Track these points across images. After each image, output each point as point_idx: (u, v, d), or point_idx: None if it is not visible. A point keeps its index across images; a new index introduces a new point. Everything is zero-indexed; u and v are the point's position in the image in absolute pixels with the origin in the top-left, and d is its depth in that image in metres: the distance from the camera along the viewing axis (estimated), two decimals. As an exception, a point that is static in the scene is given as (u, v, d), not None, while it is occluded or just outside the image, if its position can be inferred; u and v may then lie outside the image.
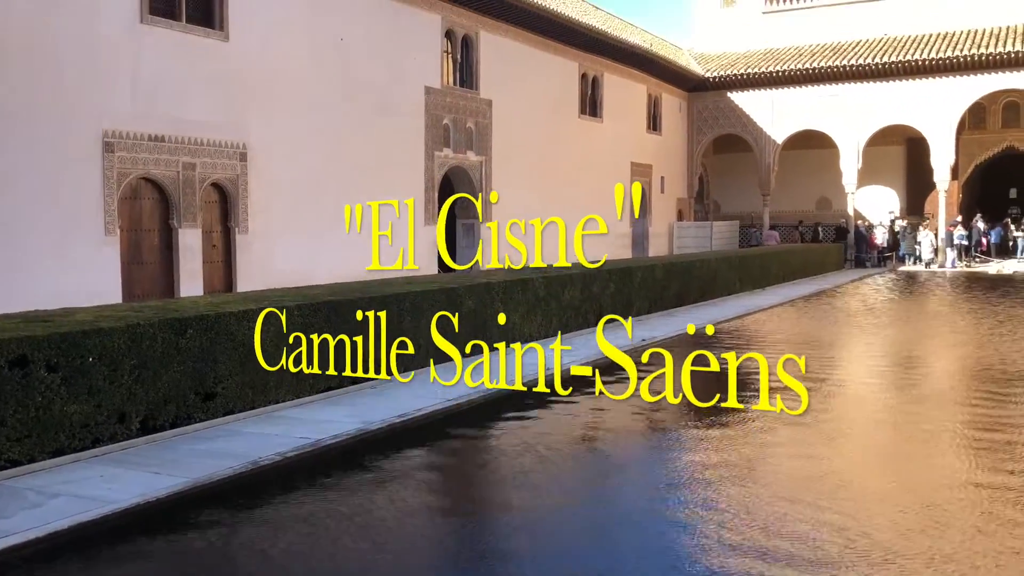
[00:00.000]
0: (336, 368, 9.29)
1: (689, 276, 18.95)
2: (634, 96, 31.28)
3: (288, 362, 8.21)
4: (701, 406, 7.02)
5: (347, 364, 8.27)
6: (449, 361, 10.98)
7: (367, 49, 18.85)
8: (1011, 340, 14.34)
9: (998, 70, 29.68)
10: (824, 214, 35.50)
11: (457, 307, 11.27)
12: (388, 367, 9.97)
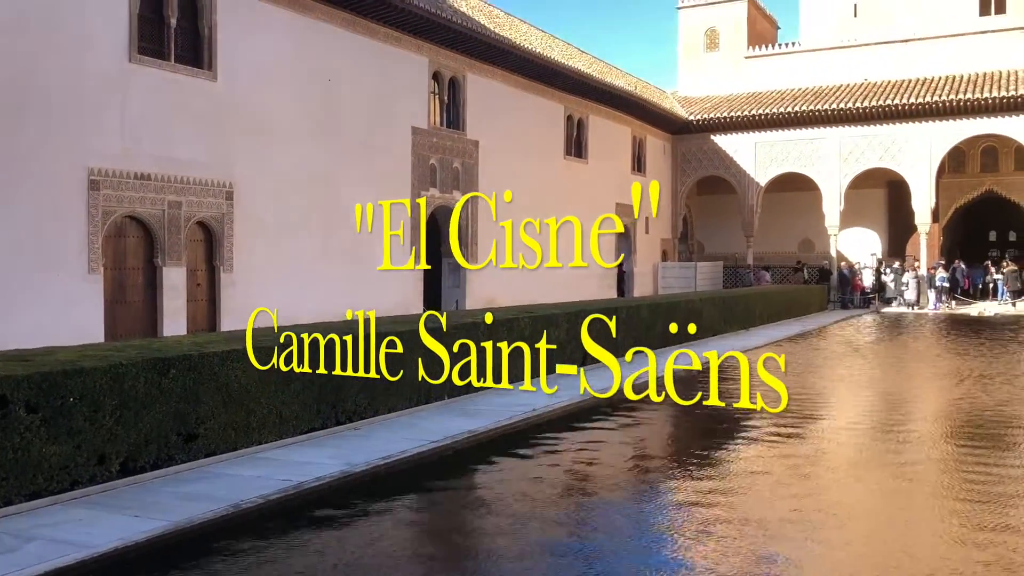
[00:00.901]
0: (321, 408, 9.24)
1: (673, 316, 18.97)
2: (619, 138, 31.60)
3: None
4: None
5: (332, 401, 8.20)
6: (439, 400, 10.97)
7: (354, 89, 19.00)
8: (999, 382, 14.41)
9: (976, 115, 30.20)
10: (807, 255, 35.76)
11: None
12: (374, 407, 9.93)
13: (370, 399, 9.95)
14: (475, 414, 10.38)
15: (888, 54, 35.03)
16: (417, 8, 19.19)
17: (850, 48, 35.83)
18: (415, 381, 10.65)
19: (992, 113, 29.94)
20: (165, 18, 14.87)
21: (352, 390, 9.70)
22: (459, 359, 11.49)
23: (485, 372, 11.99)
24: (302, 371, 8.44)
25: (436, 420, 10.01)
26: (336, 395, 9.49)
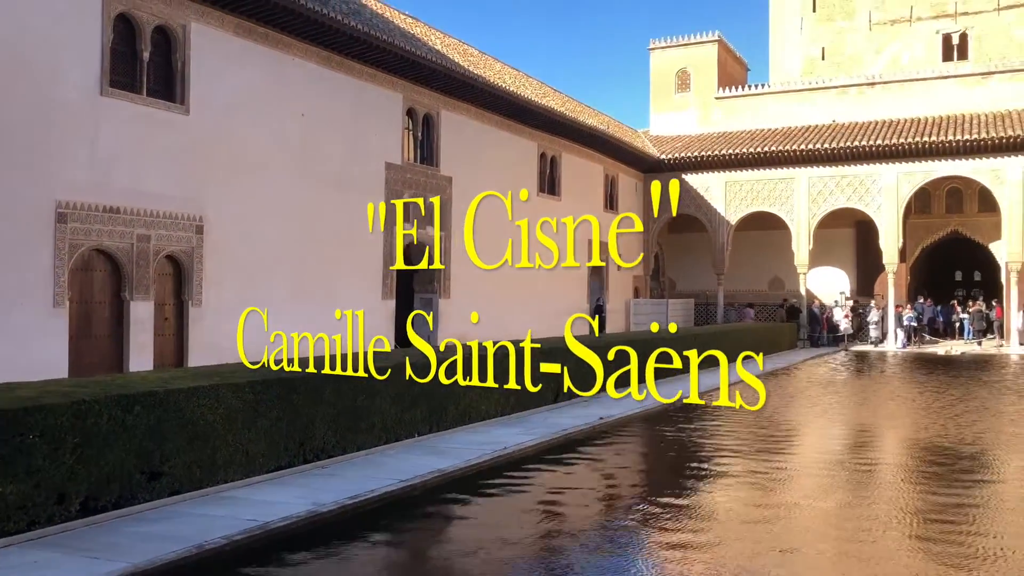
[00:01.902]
0: (288, 446, 9.11)
1: (647, 354, 18.97)
2: (592, 175, 31.86)
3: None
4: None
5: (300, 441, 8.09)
6: (408, 439, 10.86)
7: (329, 125, 19.03)
8: (965, 422, 14.55)
9: (941, 158, 30.82)
10: (777, 294, 36.06)
11: (413, 384, 11.12)
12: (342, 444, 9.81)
13: (338, 437, 9.84)
14: (445, 453, 10.29)
15: (855, 96, 35.76)
16: (392, 46, 19.32)
17: (818, 90, 36.54)
18: (385, 419, 10.60)
19: (956, 156, 30.57)
20: (138, 52, 14.83)
21: (320, 428, 9.58)
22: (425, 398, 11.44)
23: (463, 411, 11.96)
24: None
25: (405, 458, 9.90)
26: (304, 433, 9.37)
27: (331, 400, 9.76)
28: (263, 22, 16.96)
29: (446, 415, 11.78)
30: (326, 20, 17.32)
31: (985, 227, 32.85)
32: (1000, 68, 33.88)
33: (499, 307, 25.09)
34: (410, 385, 11.06)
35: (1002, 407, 16.69)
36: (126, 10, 14.54)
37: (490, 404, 12.86)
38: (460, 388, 12.06)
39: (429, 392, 11.44)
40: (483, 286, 24.42)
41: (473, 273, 23.87)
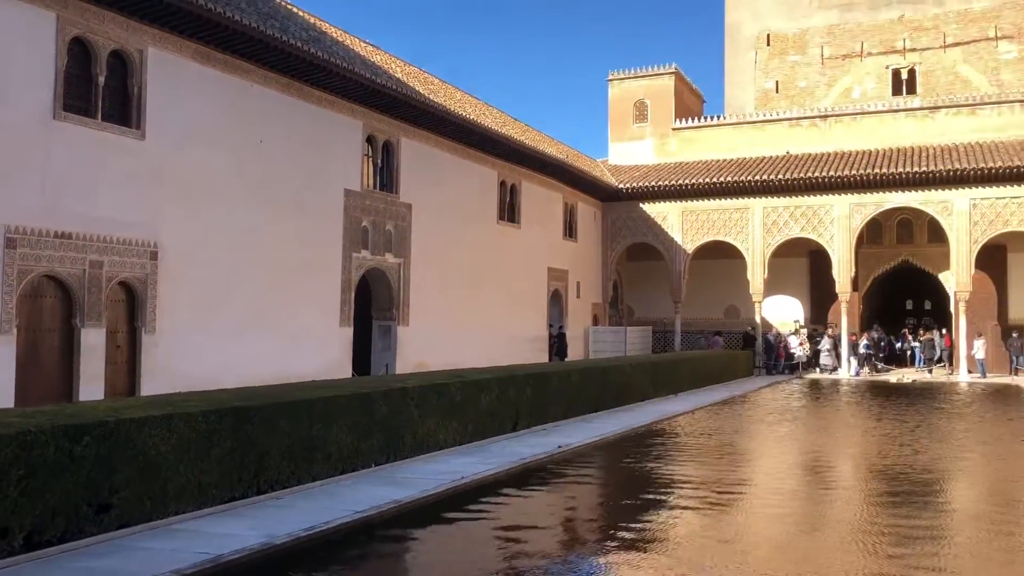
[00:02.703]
0: (242, 477, 8.96)
1: (605, 381, 19.09)
2: (551, 204, 32.08)
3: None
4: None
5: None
6: (365, 469, 10.75)
7: (288, 151, 18.95)
8: (919, 447, 14.79)
9: (891, 189, 31.56)
10: (732, 322, 36.49)
11: (370, 413, 11.05)
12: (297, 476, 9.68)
13: (293, 468, 9.70)
14: (401, 483, 10.19)
15: (808, 128, 36.55)
16: (353, 73, 19.34)
17: (772, 122, 37.28)
18: (341, 448, 10.48)
19: (906, 187, 31.33)
20: (93, 76, 14.67)
21: (275, 458, 9.45)
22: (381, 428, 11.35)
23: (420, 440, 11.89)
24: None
25: (362, 489, 9.79)
26: (258, 463, 9.23)
27: (286, 430, 9.63)
28: (222, 48, 16.89)
29: (403, 444, 11.69)
30: (286, 47, 17.30)
31: (935, 257, 33.63)
32: (947, 103, 34.93)
33: (459, 334, 25.06)
34: (367, 414, 10.98)
35: (954, 434, 17.01)
36: (81, 34, 14.40)
37: (448, 433, 12.78)
38: (417, 417, 12.00)
39: (386, 421, 11.36)
40: (442, 313, 24.40)
41: (432, 300, 23.87)
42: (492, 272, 27.26)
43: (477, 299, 26.30)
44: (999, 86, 37.40)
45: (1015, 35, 37.96)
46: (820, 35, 41.29)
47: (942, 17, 39.15)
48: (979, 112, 34.19)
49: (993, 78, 37.96)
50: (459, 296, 25.34)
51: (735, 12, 43.43)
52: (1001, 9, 38.24)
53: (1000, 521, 9.41)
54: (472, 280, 26.05)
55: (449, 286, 24.82)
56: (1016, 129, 33.43)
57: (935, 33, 39.16)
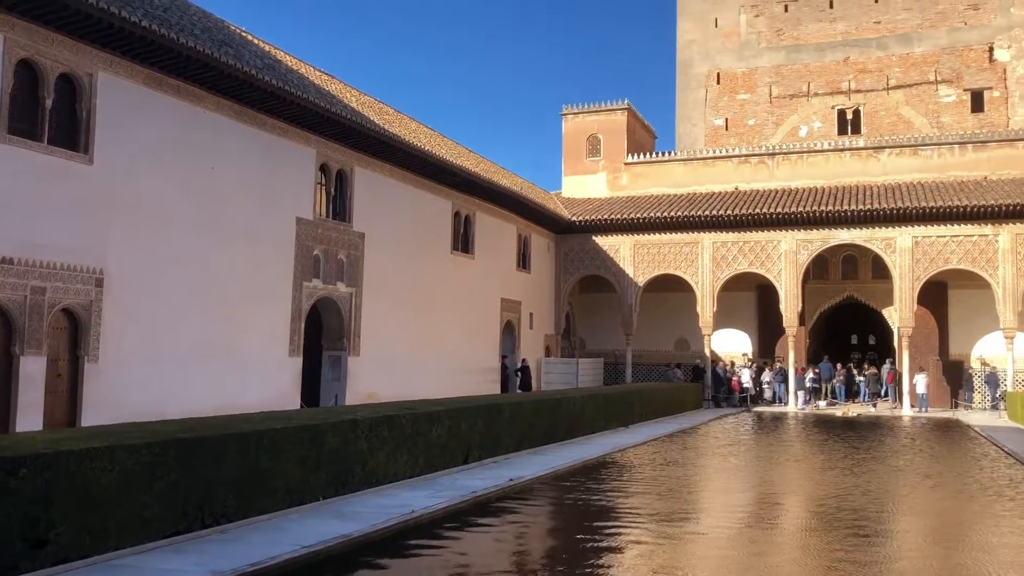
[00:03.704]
0: (187, 511, 8.74)
1: (557, 414, 19.08)
2: (505, 235, 32.18)
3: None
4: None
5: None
6: (313, 502, 10.56)
7: (239, 178, 18.75)
8: (865, 481, 15.00)
9: (837, 226, 32.29)
10: (682, 354, 36.82)
11: (319, 445, 10.88)
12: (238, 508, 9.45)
13: (240, 501, 9.49)
14: (350, 516, 10.03)
15: (757, 165, 37.32)
16: (306, 101, 19.26)
17: (722, 159, 38.00)
18: (289, 481, 10.30)
19: (851, 225, 32.09)
20: (40, 99, 14.39)
21: (221, 491, 9.24)
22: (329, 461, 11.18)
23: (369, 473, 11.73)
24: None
25: (310, 523, 9.61)
26: (203, 496, 9.01)
27: (233, 462, 9.44)
28: (175, 74, 16.71)
29: (352, 478, 11.53)
30: (240, 74, 17.18)
31: (878, 293, 34.41)
32: (890, 143, 35.98)
33: (410, 365, 24.89)
34: (315, 447, 10.81)
35: (900, 466, 17.31)
36: (29, 56, 14.14)
37: (398, 466, 12.64)
38: (367, 449, 11.85)
39: (335, 454, 11.19)
40: (394, 344, 24.22)
41: (384, 330, 23.70)
42: (445, 303, 27.19)
43: (430, 330, 26.18)
44: (939, 128, 38.69)
45: (954, 80, 39.36)
46: (769, 75, 42.36)
47: (885, 60, 40.46)
48: (921, 153, 35.28)
49: (934, 120, 39.26)
50: (411, 326, 25.20)
51: (686, 50, 44.36)
52: (940, 55, 39.65)
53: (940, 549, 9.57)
54: (425, 310, 25.94)
55: (401, 316, 24.69)
56: (956, 170, 34.54)
57: (879, 75, 40.43)
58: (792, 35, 42.35)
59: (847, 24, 41.43)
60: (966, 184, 33.21)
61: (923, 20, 40.21)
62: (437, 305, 26.68)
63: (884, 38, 40.68)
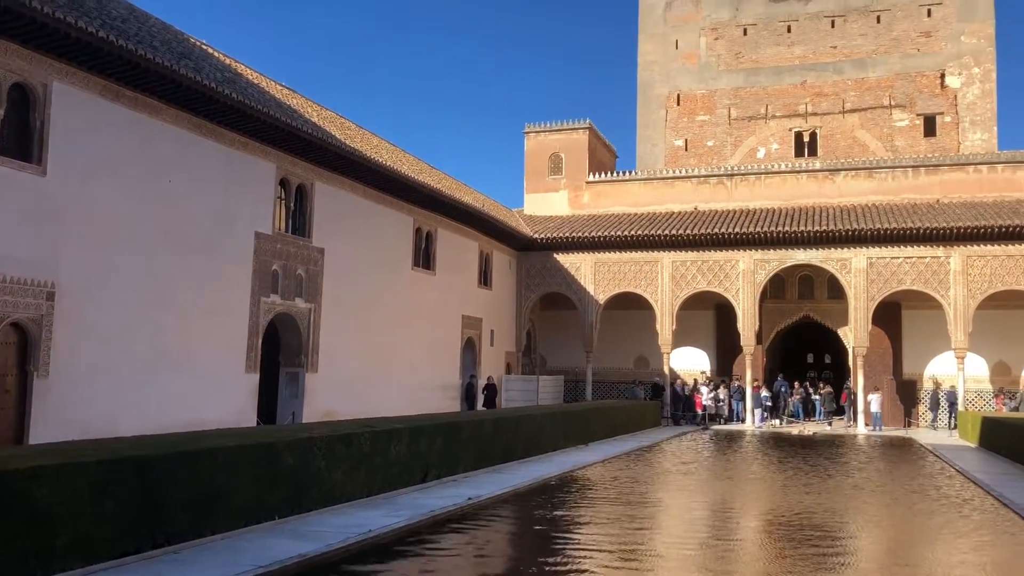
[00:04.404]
0: (138, 530, 8.54)
1: (516, 431, 19.02)
2: (467, 252, 32.15)
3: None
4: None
5: (149, 528, 7.57)
6: (269, 521, 10.38)
7: (197, 192, 18.51)
8: (823, 497, 15.14)
9: (794, 247, 32.77)
10: (642, 372, 37.00)
11: (275, 464, 10.72)
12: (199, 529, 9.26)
13: (193, 519, 9.30)
14: (307, 536, 9.88)
15: (716, 186, 37.80)
16: (266, 116, 19.10)
17: (681, 179, 38.44)
18: (244, 500, 10.12)
19: (807, 245, 32.58)
20: (-7, 108, 14.10)
21: (174, 510, 9.04)
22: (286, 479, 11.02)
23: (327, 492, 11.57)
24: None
25: (265, 543, 9.44)
26: (155, 515, 8.81)
27: (186, 480, 9.25)
28: (132, 86, 16.47)
29: (309, 496, 11.37)
30: (199, 87, 16.99)
31: (834, 313, 34.93)
32: (845, 166, 36.68)
33: (369, 382, 24.70)
34: (271, 465, 10.65)
35: (858, 483, 17.52)
36: (-18, 65, 13.85)
37: (356, 485, 12.49)
38: (324, 468, 11.70)
39: (292, 472, 11.03)
40: (353, 360, 24.01)
41: (343, 347, 23.49)
42: (406, 319, 27.04)
43: (389, 346, 26.01)
44: (893, 151, 39.56)
45: (907, 104, 40.30)
46: (728, 97, 43.00)
47: (841, 84, 41.30)
48: (875, 175, 36.01)
49: (888, 144, 40.13)
50: (371, 343, 25.01)
51: (647, 71, 44.89)
52: (895, 80, 40.59)
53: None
54: (385, 327, 25.77)
55: (361, 333, 24.50)
56: (909, 192, 35.29)
57: (835, 99, 41.25)
58: (751, 58, 43.06)
59: (804, 48, 42.25)
60: (919, 207, 33.94)
61: (878, 46, 41.16)
62: (397, 322, 26.52)
63: (840, 62, 41.54)
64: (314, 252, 22.55)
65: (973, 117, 39.45)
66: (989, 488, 16.36)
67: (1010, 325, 32.57)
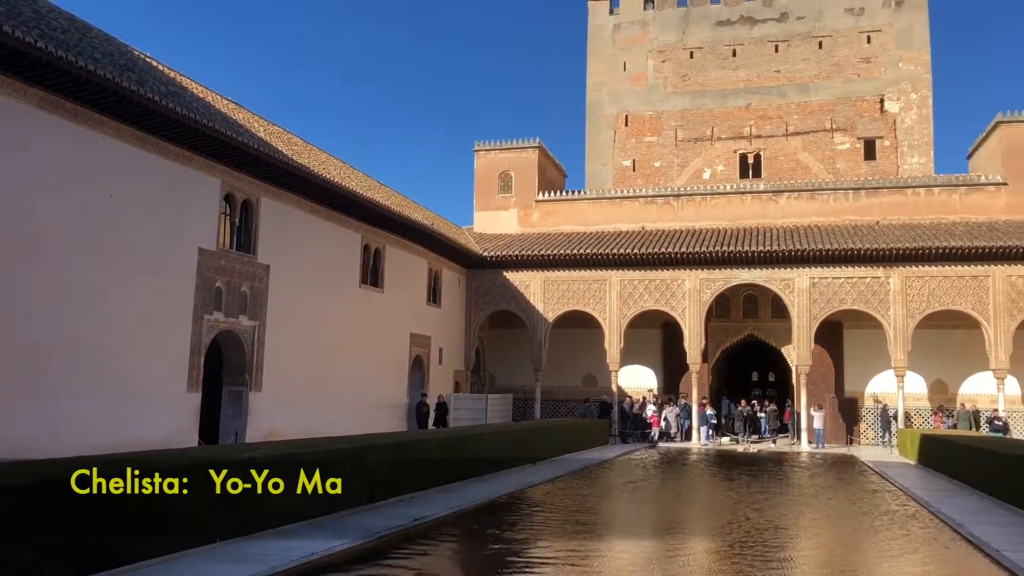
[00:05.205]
0: (72, 556, 8.25)
1: (465, 451, 18.89)
2: (415, 269, 31.98)
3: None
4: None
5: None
6: (211, 544, 10.11)
7: (139, 207, 18.10)
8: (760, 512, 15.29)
9: (739, 266, 33.25)
10: (590, 390, 37.10)
11: (216, 484, 10.45)
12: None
13: (132, 544, 9.01)
14: (249, 559, 9.65)
15: (663, 206, 38.25)
16: (211, 130, 18.81)
17: (629, 199, 38.83)
18: (184, 523, 9.85)
19: (752, 265, 33.09)
20: (-76, 118, 13.64)
21: (110, 534, 8.75)
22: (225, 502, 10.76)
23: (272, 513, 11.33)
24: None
25: (206, 567, 9.20)
26: (91, 539, 8.51)
27: (125, 502, 8.97)
28: (72, 98, 16.08)
29: (252, 518, 11.11)
30: (142, 100, 16.66)
31: (778, 332, 35.48)
32: (789, 188, 37.44)
33: (315, 401, 24.34)
34: (212, 486, 10.38)
35: (803, 500, 17.76)
36: (-87, 73, 13.41)
37: (300, 506, 12.25)
38: (267, 488, 11.45)
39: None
40: (298, 379, 23.66)
41: (288, 365, 23.14)
42: (353, 337, 26.75)
43: (336, 364, 25.69)
44: (835, 174, 40.52)
45: (848, 128, 41.36)
46: (674, 118, 43.66)
47: (785, 108, 42.25)
48: (818, 197, 36.79)
49: (830, 166, 41.09)
50: (317, 361, 24.68)
51: (596, 92, 45.39)
52: (836, 104, 41.65)
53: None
54: (331, 345, 25.46)
55: (307, 351, 24.16)
56: (850, 214, 36.12)
57: (778, 122, 42.15)
58: (697, 81, 43.80)
59: (749, 72, 43.12)
60: (860, 228, 34.73)
61: (820, 71, 42.20)
62: (344, 339, 26.22)
63: (784, 86, 42.48)
64: (259, 269, 22.22)
65: (911, 141, 40.61)
66: (928, 504, 16.70)
67: (947, 344, 33.41)
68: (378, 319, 28.55)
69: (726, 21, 44.00)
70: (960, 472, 20.70)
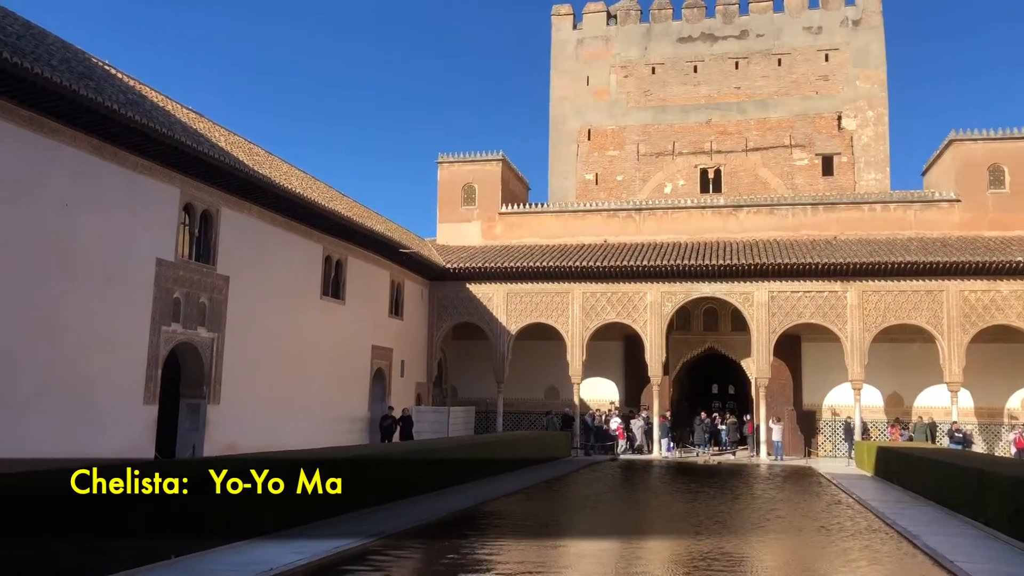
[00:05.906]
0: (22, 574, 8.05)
1: (426, 464, 18.78)
2: (378, 281, 31.82)
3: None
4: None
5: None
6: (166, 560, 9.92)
7: (95, 216, 17.81)
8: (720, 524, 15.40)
9: (699, 280, 33.56)
10: (552, 403, 37.13)
11: (170, 499, 10.27)
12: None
13: (81, 561, 8.81)
14: (205, 575, 9.48)
15: (625, 219, 38.52)
16: (170, 139, 18.58)
17: (592, 212, 39.04)
18: (139, 538, 9.67)
19: (712, 279, 33.43)
20: None
21: (63, 551, 8.55)
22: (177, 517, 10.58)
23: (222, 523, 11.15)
24: None
25: (159, 583, 9.02)
26: (41, 557, 8.30)
27: (77, 519, 8.77)
28: (27, 105, 15.80)
29: (208, 533, 10.93)
30: (99, 108, 16.41)
31: (738, 345, 35.83)
32: (748, 202, 37.92)
33: (275, 414, 24.06)
34: (169, 500, 10.20)
35: (764, 511, 17.90)
36: None
37: (257, 521, 12.08)
38: (224, 503, 11.28)
39: (190, 508, 10.59)
40: (258, 392, 23.39)
41: (248, 377, 22.87)
42: (314, 349, 26.52)
43: (296, 377, 25.44)
44: (793, 189, 41.12)
45: (806, 144, 42.04)
46: (636, 133, 44.04)
47: (744, 124, 42.83)
48: (776, 212, 37.30)
49: (788, 182, 41.70)
50: (277, 373, 24.42)
51: (559, 106, 45.65)
52: (794, 121, 42.33)
53: None
54: (292, 357, 25.20)
55: (267, 363, 23.89)
56: (808, 229, 36.66)
57: (738, 138, 42.71)
58: (659, 96, 44.24)
59: (710, 88, 43.66)
60: (818, 243, 35.26)
61: (779, 88, 42.86)
62: (305, 351, 25.98)
63: (743, 103, 43.08)
64: (219, 280, 21.95)
65: (868, 158, 41.38)
66: (884, 516, 16.93)
67: (903, 357, 34.00)
68: (339, 331, 28.34)
69: (687, 38, 44.53)
70: (915, 484, 21.02)
